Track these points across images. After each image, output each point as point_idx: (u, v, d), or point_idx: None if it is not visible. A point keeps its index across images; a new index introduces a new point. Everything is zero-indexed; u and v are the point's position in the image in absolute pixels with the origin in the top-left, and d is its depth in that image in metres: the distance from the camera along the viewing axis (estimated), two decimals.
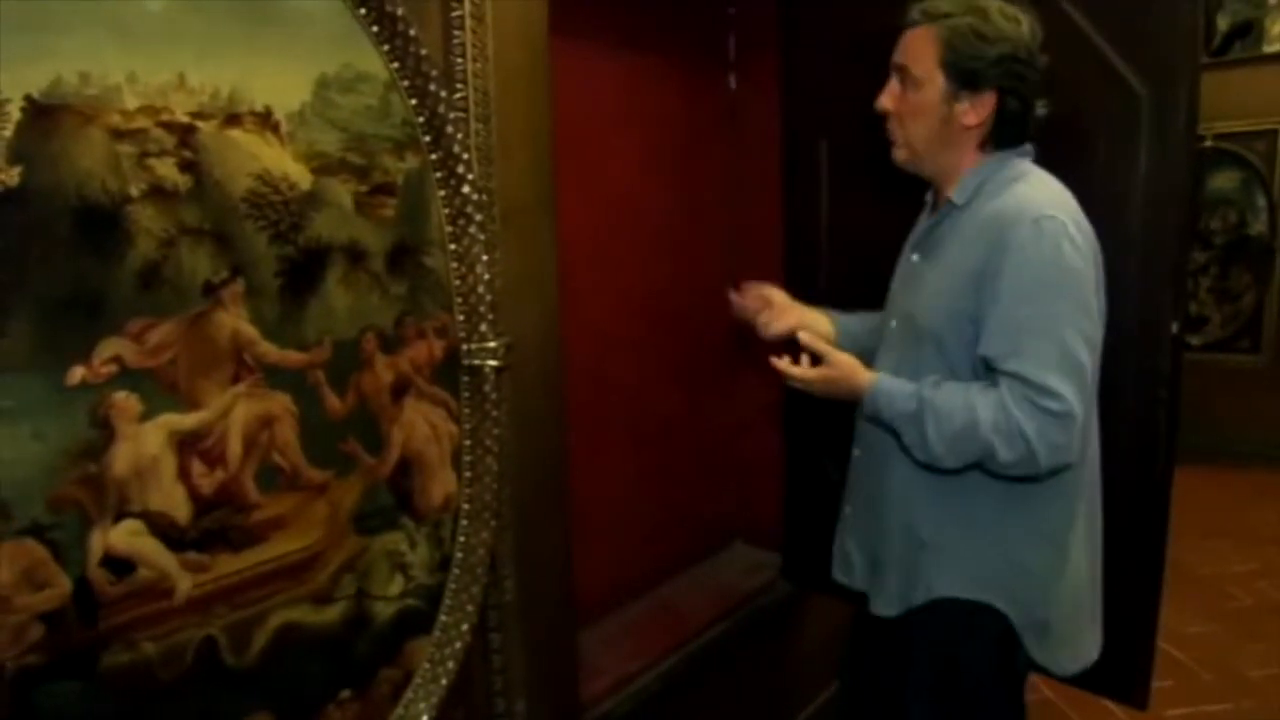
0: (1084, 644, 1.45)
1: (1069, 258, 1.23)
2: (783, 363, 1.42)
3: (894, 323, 1.47)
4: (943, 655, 1.41)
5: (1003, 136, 1.36)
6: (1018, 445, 1.21)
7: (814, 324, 1.64)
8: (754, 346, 2.35)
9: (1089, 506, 1.41)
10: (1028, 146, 1.39)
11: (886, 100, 1.39)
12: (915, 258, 1.46)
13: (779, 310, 1.67)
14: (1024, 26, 1.31)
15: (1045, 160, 1.40)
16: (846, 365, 1.38)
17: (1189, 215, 1.57)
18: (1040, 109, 1.37)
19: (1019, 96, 1.32)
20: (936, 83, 1.32)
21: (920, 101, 1.34)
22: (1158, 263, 1.53)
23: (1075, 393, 1.20)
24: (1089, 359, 1.23)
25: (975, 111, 1.33)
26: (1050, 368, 1.19)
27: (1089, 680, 1.74)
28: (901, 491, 1.42)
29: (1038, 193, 1.30)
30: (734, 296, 1.74)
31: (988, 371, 1.27)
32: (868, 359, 1.49)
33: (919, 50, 1.33)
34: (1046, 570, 1.37)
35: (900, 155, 1.42)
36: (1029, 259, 1.22)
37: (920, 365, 1.36)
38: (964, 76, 1.30)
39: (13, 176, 0.83)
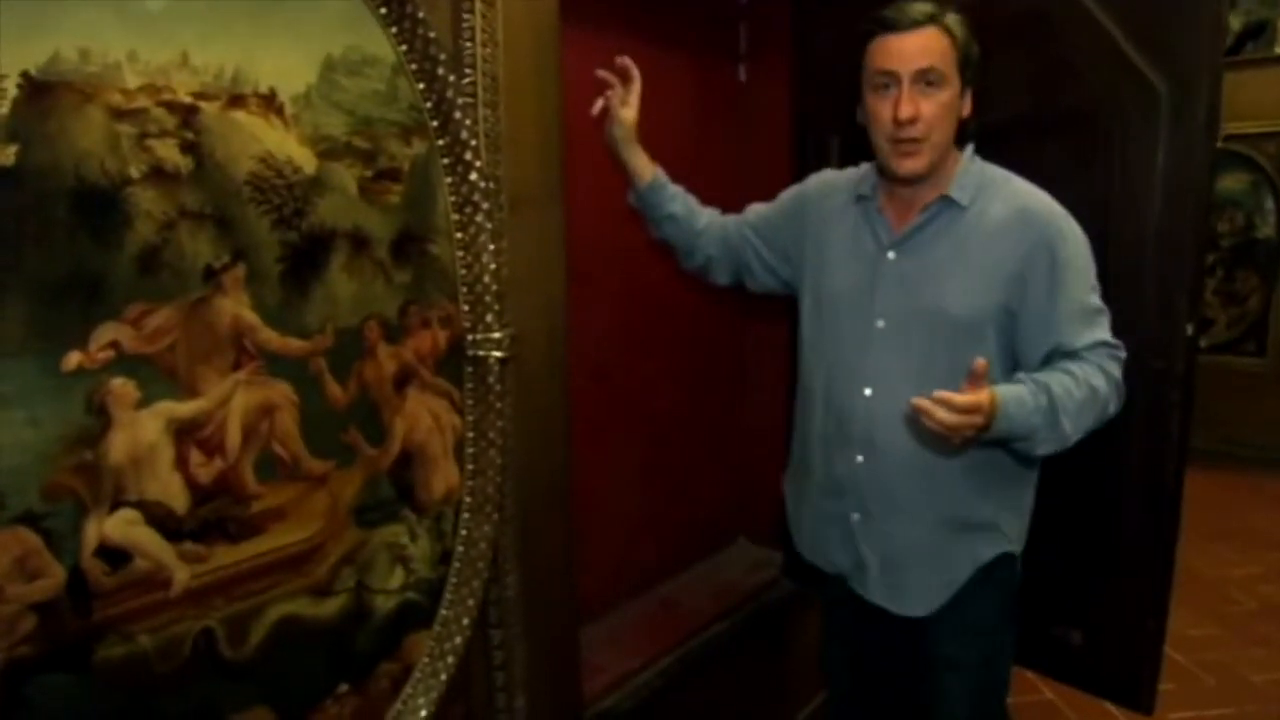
0: None
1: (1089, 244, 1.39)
2: (935, 402, 1.20)
3: (880, 322, 1.43)
4: (974, 613, 1.48)
5: (969, 132, 1.42)
6: (1114, 400, 1.36)
7: (638, 155, 1.68)
8: (761, 346, 2.34)
9: None
10: (972, 145, 1.46)
11: (912, 108, 1.31)
12: (892, 255, 1.43)
13: (623, 118, 1.65)
14: None
15: (1061, 156, 1.38)
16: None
17: (1207, 215, 1.54)
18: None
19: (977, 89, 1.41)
20: (954, 81, 1.34)
21: (948, 101, 1.34)
22: (1175, 263, 1.51)
23: None
24: None
25: (968, 104, 1.39)
26: (1110, 329, 1.38)
27: (1095, 683, 1.73)
28: (947, 489, 1.42)
29: (1037, 191, 1.40)
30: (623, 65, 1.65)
31: (1053, 355, 1.35)
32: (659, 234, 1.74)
33: (939, 50, 1.32)
34: (1031, 503, 1.53)
35: (924, 162, 1.36)
36: (1079, 254, 1.36)
37: (953, 358, 1.33)
38: (969, 69, 1.36)
39: (8, 155, 0.81)
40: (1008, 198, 1.38)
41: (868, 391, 1.44)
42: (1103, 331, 1.36)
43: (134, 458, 0.92)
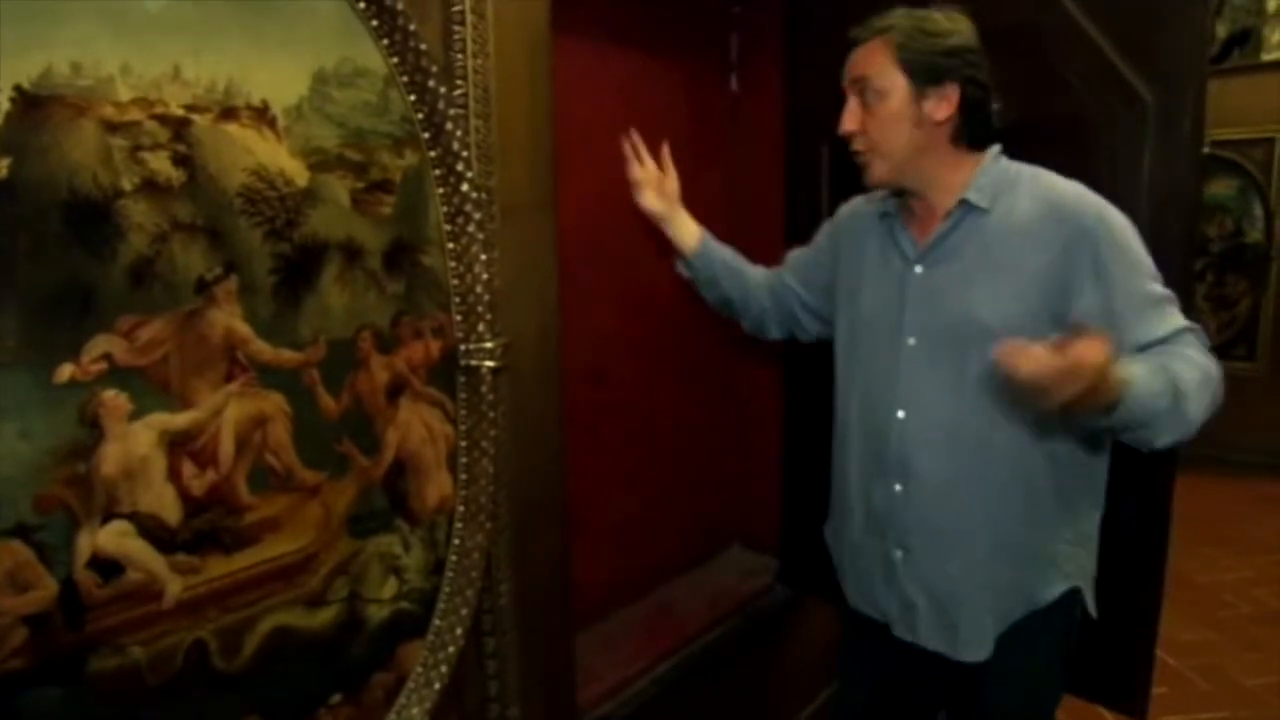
0: None
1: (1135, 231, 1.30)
2: (1023, 349, 1.10)
3: (912, 340, 1.36)
4: (1031, 660, 1.41)
5: (974, 132, 1.35)
6: (1222, 386, 1.24)
7: (682, 224, 1.72)
8: (756, 347, 2.35)
9: None
10: (999, 146, 1.39)
11: (850, 121, 1.35)
12: (919, 269, 1.38)
13: (660, 191, 1.71)
14: (963, 24, 1.33)
15: (1050, 165, 1.39)
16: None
17: (1194, 222, 1.56)
18: (994, 105, 1.37)
19: (979, 85, 1.33)
20: (899, 86, 1.31)
21: (889, 109, 1.32)
22: (1163, 270, 1.51)
23: None
24: None
25: (942, 106, 1.32)
26: (1181, 312, 1.28)
27: (1087, 688, 1.73)
28: (995, 516, 1.34)
29: (1069, 184, 1.33)
30: (634, 143, 1.71)
31: (1139, 350, 1.24)
32: (715, 295, 1.73)
33: (874, 60, 1.32)
34: (1097, 533, 1.44)
35: (879, 172, 1.36)
36: (1124, 242, 1.27)
37: (988, 372, 1.26)
38: (923, 72, 1.30)
39: (1, 169, 0.81)
40: (1036, 194, 1.31)
41: (901, 414, 1.37)
42: (1180, 318, 1.26)
43: (126, 470, 0.92)
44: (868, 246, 1.49)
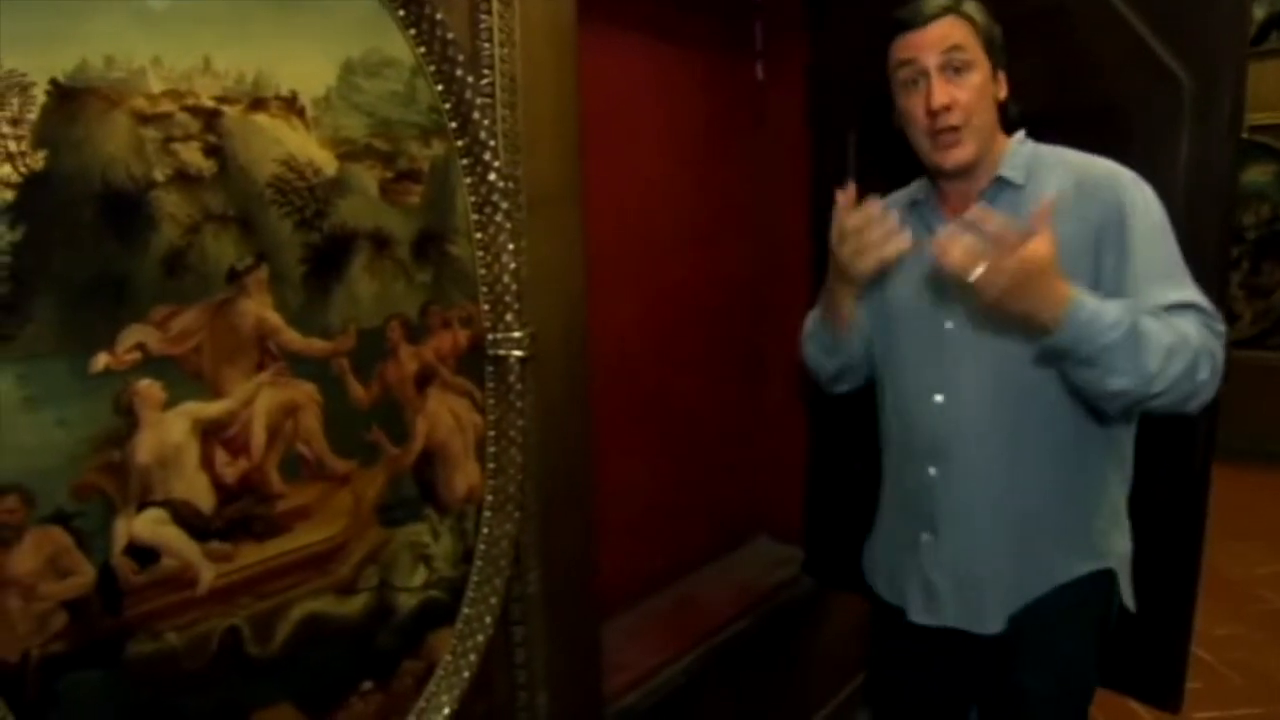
0: None
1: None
2: (954, 237, 1.13)
3: (949, 324, 1.35)
4: (1061, 642, 1.39)
5: (1009, 118, 1.38)
6: (1206, 365, 1.20)
7: (853, 306, 1.47)
8: (778, 342, 2.34)
9: None
10: (1024, 130, 1.40)
11: (944, 94, 1.27)
12: None
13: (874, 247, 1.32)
14: None
15: (1086, 149, 1.36)
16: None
17: (1230, 209, 1.52)
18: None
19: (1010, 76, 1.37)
20: (983, 64, 1.31)
21: (981, 83, 1.30)
22: (1198, 257, 1.47)
23: None
24: None
25: (1003, 89, 1.35)
26: (1202, 295, 1.25)
27: (1121, 682, 1.71)
28: (1025, 496, 1.34)
29: (1099, 159, 1.33)
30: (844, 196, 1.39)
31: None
32: (836, 364, 1.56)
33: (962, 36, 1.29)
34: (1126, 510, 1.42)
35: (968, 151, 1.30)
36: (1149, 210, 1.27)
37: (1028, 351, 1.25)
38: (994, 52, 1.33)
39: (38, 161, 0.82)
40: (1065, 172, 1.31)
41: (939, 398, 1.36)
42: (1192, 293, 1.23)
43: (161, 458, 0.94)
44: None
